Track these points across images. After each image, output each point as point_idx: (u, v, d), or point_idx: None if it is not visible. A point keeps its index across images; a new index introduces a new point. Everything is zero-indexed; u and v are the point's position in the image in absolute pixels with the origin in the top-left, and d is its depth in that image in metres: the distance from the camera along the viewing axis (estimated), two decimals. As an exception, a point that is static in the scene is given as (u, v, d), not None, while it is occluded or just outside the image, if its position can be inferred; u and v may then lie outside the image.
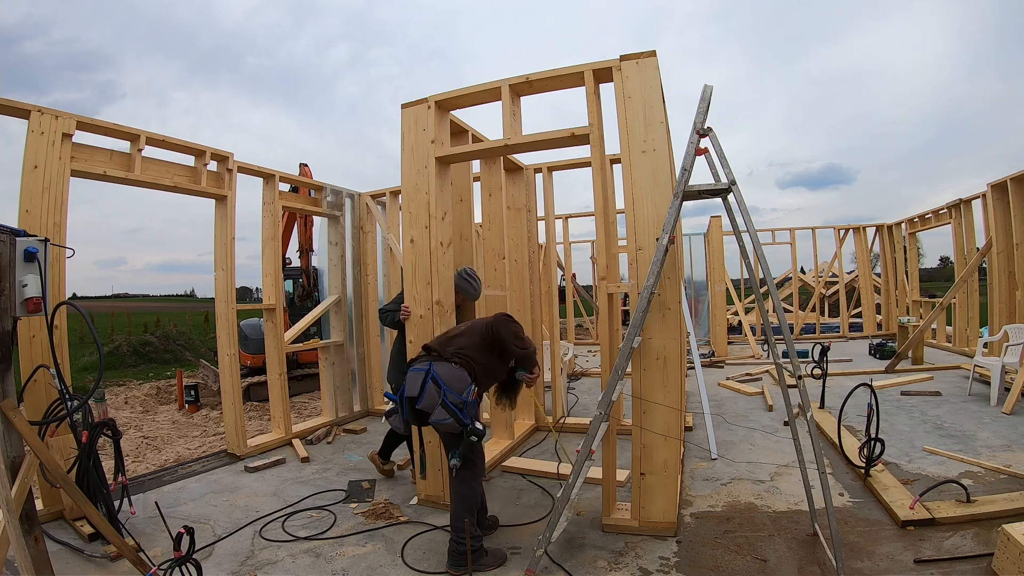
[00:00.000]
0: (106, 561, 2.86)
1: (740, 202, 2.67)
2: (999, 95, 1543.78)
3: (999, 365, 5.30)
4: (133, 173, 4.02)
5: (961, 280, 7.62)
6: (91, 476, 3.02)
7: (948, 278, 20.46)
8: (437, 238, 3.49)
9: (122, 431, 3.64)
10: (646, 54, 2.99)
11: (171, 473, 4.37)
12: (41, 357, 3.23)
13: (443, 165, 3.60)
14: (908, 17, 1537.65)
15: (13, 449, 2.16)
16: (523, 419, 5.22)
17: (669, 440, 2.94)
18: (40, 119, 3.43)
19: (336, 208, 6.03)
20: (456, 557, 2.64)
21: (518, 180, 5.19)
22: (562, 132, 3.19)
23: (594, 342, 12.35)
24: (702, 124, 2.59)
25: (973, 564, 2.48)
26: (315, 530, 3.23)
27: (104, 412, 3.67)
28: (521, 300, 5.14)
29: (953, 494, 3.09)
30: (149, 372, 11.06)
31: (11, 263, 2.24)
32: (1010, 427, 4.49)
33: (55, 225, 3.43)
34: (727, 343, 9.82)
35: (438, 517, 3.34)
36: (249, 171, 5.03)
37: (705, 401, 4.69)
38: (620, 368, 2.68)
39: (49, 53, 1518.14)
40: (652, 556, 2.76)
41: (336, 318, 6.07)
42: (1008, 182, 6.62)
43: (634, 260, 2.98)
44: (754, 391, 6.41)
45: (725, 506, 3.31)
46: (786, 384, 2.85)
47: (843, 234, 11.74)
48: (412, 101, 3.58)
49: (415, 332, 3.56)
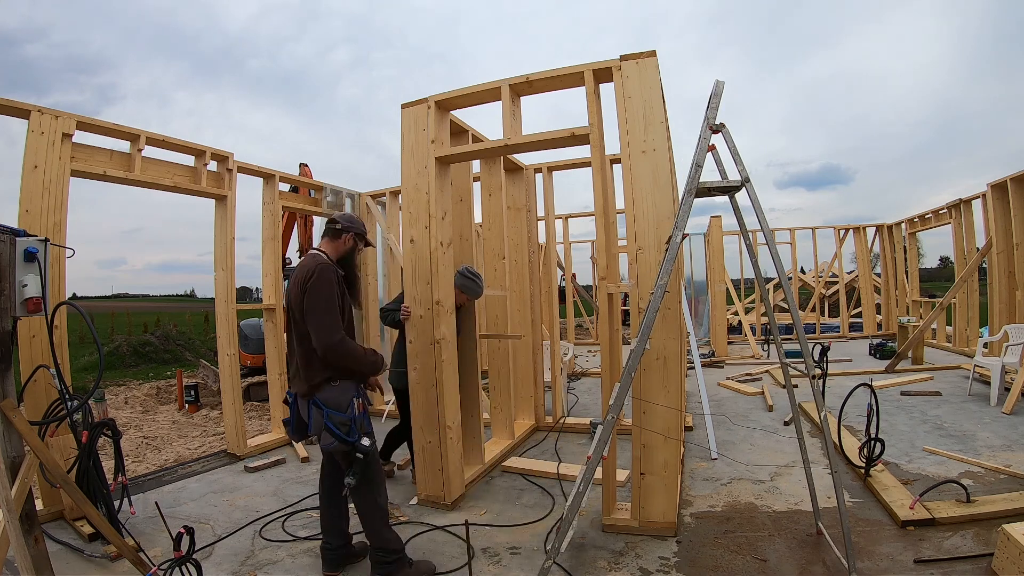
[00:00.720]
0: (106, 561, 2.86)
1: (754, 199, 2.59)
2: (997, 97, 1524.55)
3: (999, 365, 5.30)
4: (133, 173, 4.02)
5: (961, 280, 7.61)
6: (91, 476, 3.02)
7: (948, 278, 20.46)
8: (437, 238, 3.49)
9: (122, 431, 3.64)
10: (646, 54, 2.99)
11: (171, 473, 4.37)
12: (41, 357, 3.23)
13: (443, 165, 3.60)
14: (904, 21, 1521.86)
15: (13, 449, 2.15)
16: (523, 419, 5.22)
17: (669, 440, 2.94)
18: (40, 119, 3.43)
19: (336, 208, 6.03)
20: (380, 568, 2.60)
21: (518, 180, 5.19)
22: (562, 132, 3.19)
23: (594, 342, 12.35)
24: (714, 119, 2.55)
25: (973, 564, 2.48)
26: (315, 530, 3.22)
27: (104, 412, 3.68)
28: (521, 300, 5.14)
29: (953, 494, 3.09)
30: (149, 372, 11.05)
31: (11, 263, 2.24)
32: (1010, 427, 4.49)
33: (55, 225, 3.43)
34: (727, 343, 9.82)
35: (438, 517, 3.34)
36: (249, 171, 5.03)
37: (705, 401, 4.69)
38: (630, 370, 2.60)
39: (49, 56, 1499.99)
40: (652, 556, 2.75)
41: (336, 318, 6.06)
42: (1008, 182, 6.62)
43: (634, 260, 2.98)
44: (754, 391, 6.41)
45: (725, 506, 3.31)
46: (790, 384, 2.83)
47: (843, 234, 11.74)
48: (412, 101, 3.58)
49: (415, 332, 3.56)
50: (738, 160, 2.57)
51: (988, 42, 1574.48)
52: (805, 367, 2.59)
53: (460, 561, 2.76)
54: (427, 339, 3.51)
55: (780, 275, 2.60)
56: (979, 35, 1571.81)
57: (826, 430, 2.48)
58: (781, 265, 2.63)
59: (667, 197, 2.94)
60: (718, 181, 2.64)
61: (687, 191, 2.53)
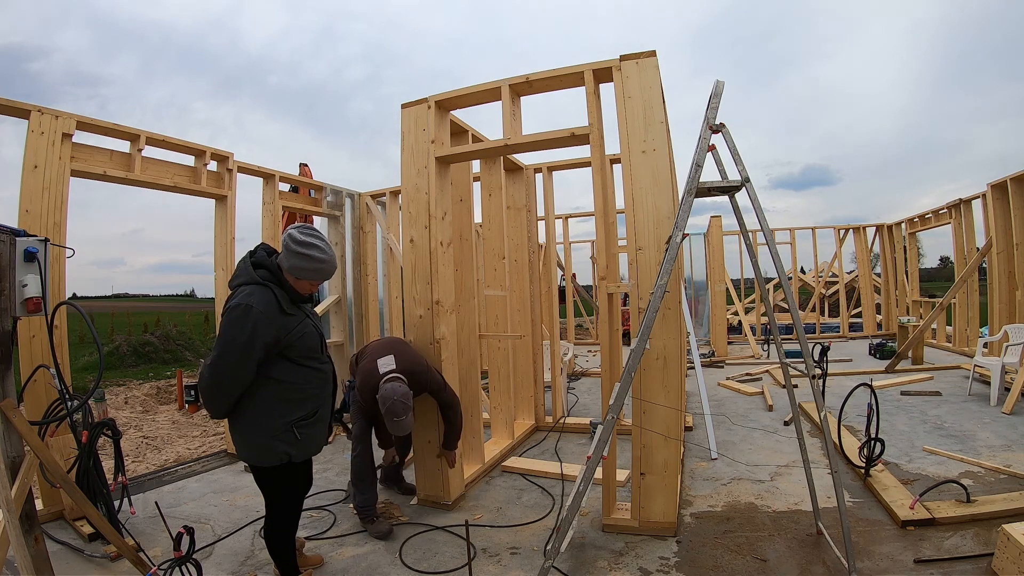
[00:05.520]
0: (106, 561, 2.86)
1: (754, 199, 2.59)
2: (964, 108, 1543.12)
3: (999, 365, 5.30)
4: (133, 173, 4.02)
5: (961, 280, 7.61)
6: (91, 476, 3.02)
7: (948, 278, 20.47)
8: (437, 238, 3.49)
9: (122, 431, 3.64)
10: (646, 54, 2.99)
11: (171, 473, 4.37)
12: (41, 357, 3.23)
13: (443, 165, 3.60)
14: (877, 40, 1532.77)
15: (13, 449, 2.15)
16: (523, 419, 5.22)
17: (669, 440, 2.94)
18: (40, 119, 3.43)
19: (336, 208, 6.03)
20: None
21: (518, 180, 5.19)
22: (562, 132, 3.19)
23: (594, 342, 12.34)
24: (714, 119, 2.56)
25: (973, 564, 2.48)
26: (315, 530, 3.23)
27: (104, 412, 3.67)
28: (521, 300, 5.14)
29: (953, 494, 3.09)
30: (149, 372, 11.05)
31: (11, 263, 2.24)
32: (1010, 427, 4.49)
33: (55, 225, 3.43)
34: (727, 343, 9.82)
35: (438, 517, 3.34)
36: (249, 171, 5.02)
37: (705, 401, 4.69)
38: (630, 370, 2.60)
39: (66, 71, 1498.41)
40: (652, 556, 2.75)
41: (336, 318, 6.06)
42: (1008, 182, 6.62)
43: (634, 260, 2.98)
44: (754, 391, 6.41)
45: (725, 506, 3.31)
46: (790, 384, 2.83)
47: (843, 234, 11.74)
48: (412, 101, 3.58)
49: (415, 332, 3.56)
50: (738, 160, 2.57)
51: (954, 60, 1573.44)
52: (805, 367, 2.59)
53: (460, 561, 2.76)
54: (427, 339, 3.51)
55: (780, 275, 2.60)
56: (945, 55, 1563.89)
57: (826, 430, 2.48)
58: (781, 265, 2.63)
59: (667, 197, 2.94)
60: (718, 181, 2.64)
61: (687, 191, 2.53)
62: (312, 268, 2.28)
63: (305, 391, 2.31)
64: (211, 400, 2.23)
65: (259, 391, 2.21)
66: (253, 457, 2.29)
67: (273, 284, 2.23)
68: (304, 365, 2.30)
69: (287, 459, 2.27)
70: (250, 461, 2.34)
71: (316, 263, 2.27)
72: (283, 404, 2.25)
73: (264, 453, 2.24)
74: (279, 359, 2.24)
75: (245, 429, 2.25)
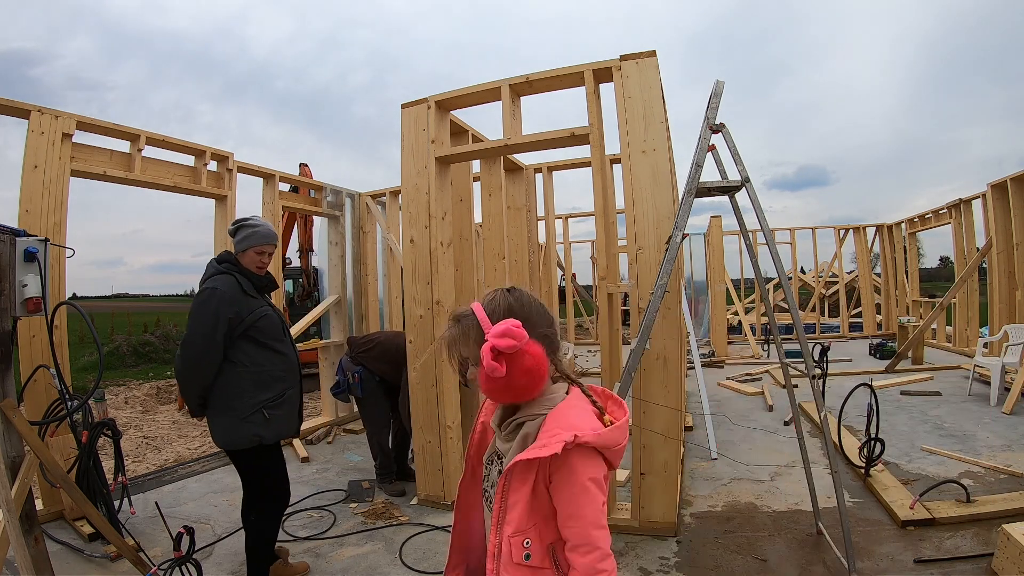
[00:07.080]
0: (106, 561, 2.86)
1: (754, 199, 2.60)
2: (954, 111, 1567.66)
3: (999, 365, 5.30)
4: (133, 173, 4.02)
5: (961, 280, 7.61)
6: (91, 476, 3.02)
7: (948, 278, 20.45)
8: (437, 238, 3.49)
9: (122, 431, 3.64)
10: (646, 54, 2.98)
11: (171, 473, 4.37)
12: (41, 357, 3.23)
13: (443, 165, 3.60)
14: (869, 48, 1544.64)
15: (13, 449, 2.15)
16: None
17: (669, 440, 2.94)
18: (40, 119, 3.43)
19: (336, 208, 6.03)
20: None
21: (518, 180, 5.18)
22: (562, 132, 3.19)
23: (594, 342, 12.34)
24: (714, 119, 2.56)
25: (973, 564, 2.48)
26: (315, 530, 3.23)
27: (104, 412, 3.67)
28: (521, 300, 5.13)
29: (953, 494, 3.09)
30: (149, 372, 11.05)
31: (11, 263, 2.24)
32: (1010, 427, 4.49)
33: (55, 225, 3.43)
34: (727, 343, 9.82)
35: (438, 517, 3.34)
36: (249, 171, 5.02)
37: (705, 401, 4.69)
38: (630, 370, 2.60)
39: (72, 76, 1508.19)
40: (652, 556, 2.76)
41: (336, 318, 6.06)
42: (1008, 182, 6.61)
43: (634, 260, 2.98)
44: (754, 391, 6.41)
45: (725, 506, 3.31)
46: (790, 384, 2.83)
47: (843, 234, 11.74)
48: (412, 101, 3.58)
49: (415, 332, 3.56)
50: (738, 160, 2.57)
51: (943, 64, 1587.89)
52: (805, 367, 2.59)
53: (460, 561, 2.76)
54: (427, 339, 3.51)
55: (780, 275, 2.61)
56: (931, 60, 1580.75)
57: (826, 430, 2.48)
58: (781, 265, 2.63)
59: (667, 197, 2.94)
60: (718, 181, 2.64)
61: (687, 191, 2.53)
62: (249, 233, 2.50)
63: (272, 373, 2.45)
64: (186, 385, 2.39)
65: (229, 375, 2.36)
66: (227, 441, 2.40)
67: (236, 272, 2.44)
68: (269, 347, 2.46)
69: (258, 441, 2.39)
70: (224, 446, 2.44)
71: (251, 228, 2.51)
72: (252, 386, 2.38)
73: (235, 436, 2.37)
74: (244, 341, 2.39)
75: (217, 414, 2.39)
